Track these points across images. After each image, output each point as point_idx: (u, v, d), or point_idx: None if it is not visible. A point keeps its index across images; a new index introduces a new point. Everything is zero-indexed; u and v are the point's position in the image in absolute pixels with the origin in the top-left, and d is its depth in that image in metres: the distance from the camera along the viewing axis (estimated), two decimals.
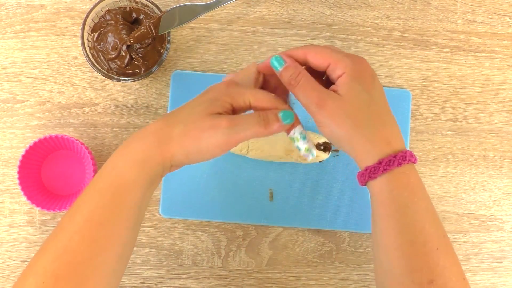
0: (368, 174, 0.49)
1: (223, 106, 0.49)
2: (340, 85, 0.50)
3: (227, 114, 0.49)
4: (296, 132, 0.50)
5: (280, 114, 0.49)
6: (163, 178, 0.59)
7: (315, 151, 0.51)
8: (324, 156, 0.67)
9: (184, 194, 0.69)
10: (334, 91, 0.50)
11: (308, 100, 0.50)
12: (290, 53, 0.52)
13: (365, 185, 0.51)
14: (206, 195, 0.69)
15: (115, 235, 0.47)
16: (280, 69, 0.51)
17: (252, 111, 0.51)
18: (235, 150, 0.68)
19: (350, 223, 0.69)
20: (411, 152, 0.50)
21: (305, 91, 0.50)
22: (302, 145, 0.51)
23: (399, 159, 0.49)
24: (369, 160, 0.49)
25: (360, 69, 0.50)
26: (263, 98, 0.50)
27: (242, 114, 0.50)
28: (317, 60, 0.51)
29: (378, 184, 0.49)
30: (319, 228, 0.70)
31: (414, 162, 0.50)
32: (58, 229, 0.48)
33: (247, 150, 0.67)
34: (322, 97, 0.49)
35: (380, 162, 0.49)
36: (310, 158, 0.51)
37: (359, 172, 0.51)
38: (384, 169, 0.49)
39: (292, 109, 0.51)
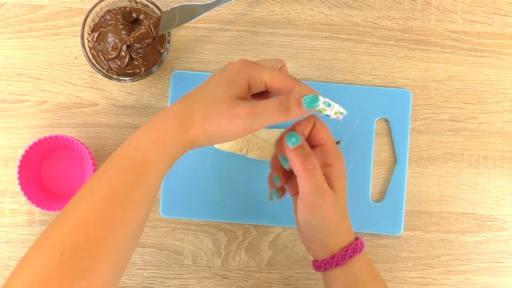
0: (335, 262, 0.54)
1: (241, 87, 0.50)
2: (334, 178, 0.53)
3: (245, 96, 0.50)
4: (320, 104, 0.50)
5: (304, 100, 0.49)
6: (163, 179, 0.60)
7: (342, 108, 0.51)
8: None
9: (184, 194, 0.69)
10: (325, 175, 0.53)
11: (314, 189, 0.52)
12: (301, 129, 0.53)
13: (323, 270, 0.56)
14: (206, 195, 0.69)
15: (132, 214, 0.47)
16: (295, 145, 0.51)
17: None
18: (235, 150, 0.68)
19: (351, 222, 0.69)
20: (360, 240, 0.56)
21: (314, 176, 0.51)
22: (330, 111, 0.51)
23: (350, 252, 0.54)
24: (333, 250, 0.54)
25: (343, 165, 0.54)
26: (279, 78, 0.50)
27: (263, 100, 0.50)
28: (316, 138, 0.53)
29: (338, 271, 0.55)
30: None
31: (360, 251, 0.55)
32: (75, 202, 0.47)
33: (247, 150, 0.68)
34: (326, 191, 0.52)
35: (345, 250, 0.54)
36: (342, 118, 0.52)
37: (323, 260, 0.55)
38: (350, 256, 0.54)
39: (312, 89, 0.50)
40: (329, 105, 0.50)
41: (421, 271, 0.70)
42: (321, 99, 0.50)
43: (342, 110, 0.51)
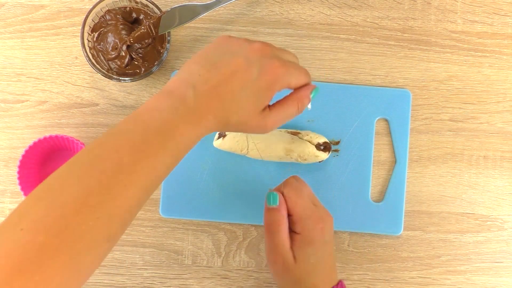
0: None
1: (271, 96, 0.52)
2: (295, 248, 0.56)
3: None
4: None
5: (312, 96, 0.55)
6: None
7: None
8: (324, 156, 0.67)
9: (184, 194, 0.69)
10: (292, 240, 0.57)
11: (272, 249, 0.57)
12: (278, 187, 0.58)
13: None
14: (206, 195, 0.69)
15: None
16: (271, 206, 0.56)
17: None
18: (236, 149, 0.68)
19: (351, 222, 0.69)
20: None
21: (274, 242, 0.56)
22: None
23: None
24: None
25: (313, 235, 0.56)
26: (303, 83, 0.55)
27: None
28: (287, 205, 0.57)
29: None
30: None
31: None
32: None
33: (247, 150, 0.67)
34: (281, 256, 0.56)
35: None
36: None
37: None
38: None
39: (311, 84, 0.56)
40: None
41: (421, 271, 0.70)
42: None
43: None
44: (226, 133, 0.67)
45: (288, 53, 0.55)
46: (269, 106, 0.53)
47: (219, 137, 0.68)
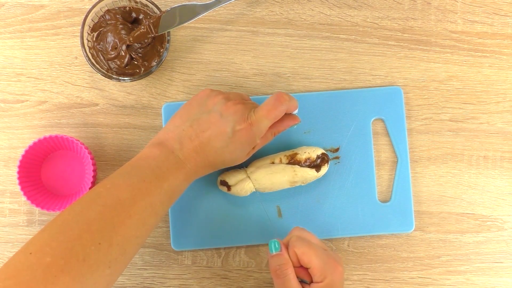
0: None
1: (253, 146, 0.61)
2: None
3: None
4: None
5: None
6: (170, 211, 0.69)
7: None
8: (324, 170, 0.67)
9: (194, 224, 0.69)
10: None
11: None
12: (285, 242, 0.59)
13: None
14: (216, 223, 0.69)
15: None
16: (273, 253, 0.57)
17: None
18: (242, 195, 0.67)
19: (362, 226, 0.69)
20: None
21: (284, 284, 0.56)
22: None
23: None
24: None
25: (336, 279, 0.57)
26: (280, 115, 0.60)
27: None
28: (302, 261, 0.57)
29: None
30: (332, 237, 0.70)
31: None
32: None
33: (253, 191, 0.67)
34: None
35: None
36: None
37: None
38: None
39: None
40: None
41: (421, 271, 0.70)
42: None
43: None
44: (230, 184, 0.67)
45: (261, 108, 0.60)
46: None
47: (222, 185, 0.67)
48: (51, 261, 0.46)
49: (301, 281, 0.57)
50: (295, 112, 0.63)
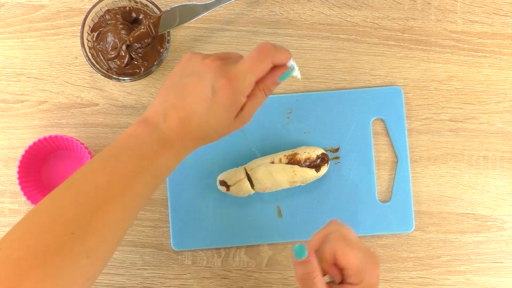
0: None
1: (239, 107, 0.54)
2: None
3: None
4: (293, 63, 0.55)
5: (281, 77, 0.55)
6: (170, 212, 0.68)
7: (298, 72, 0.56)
8: (324, 170, 0.67)
9: (194, 224, 0.69)
10: None
11: None
12: (313, 243, 0.53)
13: None
14: (215, 223, 0.69)
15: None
16: (299, 259, 0.50)
17: None
18: (242, 195, 0.67)
19: (363, 226, 0.69)
20: None
21: None
22: (296, 72, 0.55)
23: None
24: None
25: (373, 283, 0.52)
26: (266, 68, 0.53)
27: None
28: (339, 261, 0.51)
29: None
30: None
31: None
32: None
33: (254, 191, 0.67)
34: None
35: None
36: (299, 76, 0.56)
37: None
38: None
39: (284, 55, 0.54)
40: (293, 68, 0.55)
41: (421, 271, 0.70)
42: (293, 65, 0.55)
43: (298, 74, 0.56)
44: (229, 184, 0.66)
45: (241, 59, 0.55)
46: None
47: (221, 185, 0.67)
48: (20, 256, 0.44)
49: (329, 282, 0.53)
50: (290, 63, 0.55)
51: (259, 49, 0.52)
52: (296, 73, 0.55)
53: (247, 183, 0.65)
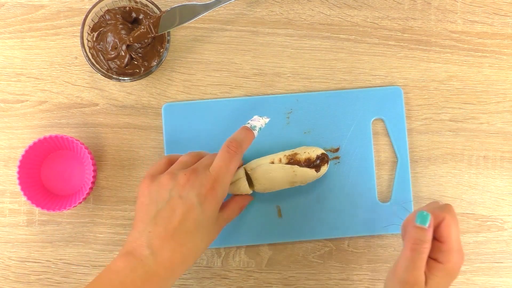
0: None
1: (219, 205, 0.59)
2: (432, 276, 0.54)
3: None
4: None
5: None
6: None
7: (263, 118, 0.63)
8: (324, 170, 0.67)
9: None
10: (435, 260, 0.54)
11: (407, 270, 0.53)
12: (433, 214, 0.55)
13: None
14: None
15: None
16: (420, 225, 0.53)
17: None
18: (235, 193, 0.67)
19: (362, 227, 0.69)
20: None
21: (415, 262, 0.53)
22: (260, 125, 0.62)
23: None
24: None
25: (456, 270, 0.55)
26: (235, 165, 0.60)
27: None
28: (438, 232, 0.54)
29: None
30: (332, 237, 0.70)
31: None
32: None
33: (251, 191, 0.67)
34: (416, 280, 0.53)
35: None
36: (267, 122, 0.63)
37: None
38: None
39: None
40: (260, 128, 0.62)
41: None
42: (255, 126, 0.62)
43: (264, 120, 0.62)
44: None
45: (209, 159, 0.59)
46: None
47: None
48: None
49: None
50: (255, 132, 0.61)
51: (228, 149, 0.58)
52: (261, 128, 0.62)
53: (245, 182, 0.65)
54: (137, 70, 0.68)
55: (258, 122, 0.62)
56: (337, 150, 0.70)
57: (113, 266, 0.53)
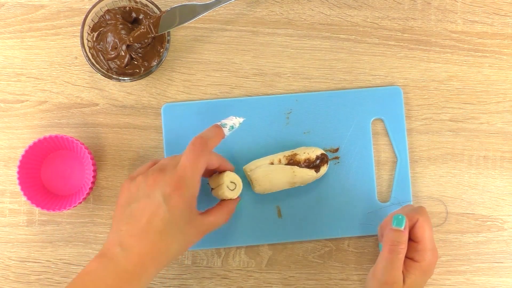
0: None
1: (194, 208, 0.59)
2: (409, 274, 0.59)
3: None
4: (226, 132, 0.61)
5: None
6: None
7: (236, 119, 0.62)
8: (323, 170, 0.67)
9: None
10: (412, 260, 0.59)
11: (386, 270, 0.58)
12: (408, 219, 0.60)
13: None
14: None
15: None
16: (396, 227, 0.59)
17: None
18: (220, 197, 0.67)
19: (362, 226, 0.69)
20: None
21: (393, 263, 0.58)
22: (233, 125, 0.61)
23: None
24: None
25: (431, 268, 0.60)
26: (205, 166, 0.59)
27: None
28: (412, 233, 0.59)
29: None
30: (332, 237, 0.70)
31: None
32: None
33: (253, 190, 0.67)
34: (394, 279, 0.58)
35: None
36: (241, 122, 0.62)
37: None
38: None
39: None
40: (231, 127, 0.61)
41: None
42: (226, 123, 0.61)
43: (238, 120, 0.62)
44: (212, 186, 0.65)
45: (174, 160, 0.59)
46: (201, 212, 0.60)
47: (209, 185, 0.66)
48: None
49: None
50: (226, 132, 0.60)
51: (193, 146, 0.57)
52: (233, 126, 0.61)
53: (225, 188, 0.63)
54: (137, 70, 0.68)
55: (231, 121, 0.61)
56: (336, 150, 0.70)
57: (87, 268, 0.55)
